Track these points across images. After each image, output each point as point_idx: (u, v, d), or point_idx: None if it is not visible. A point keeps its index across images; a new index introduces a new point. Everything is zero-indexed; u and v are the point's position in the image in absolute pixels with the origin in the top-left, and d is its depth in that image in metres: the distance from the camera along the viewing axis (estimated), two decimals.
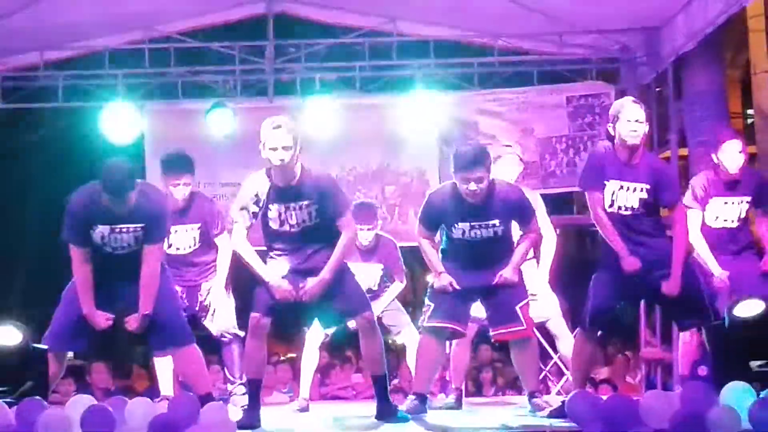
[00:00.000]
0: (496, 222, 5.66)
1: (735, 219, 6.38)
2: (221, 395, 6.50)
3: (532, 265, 6.57)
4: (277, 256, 5.47)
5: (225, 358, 6.70)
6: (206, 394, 5.37)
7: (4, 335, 5.13)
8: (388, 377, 5.70)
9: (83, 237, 5.31)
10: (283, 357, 10.94)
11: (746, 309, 5.19)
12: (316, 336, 6.73)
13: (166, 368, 6.58)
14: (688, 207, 6.13)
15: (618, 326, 6.11)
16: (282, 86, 9.41)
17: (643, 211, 5.54)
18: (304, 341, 6.88)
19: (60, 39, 8.80)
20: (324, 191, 5.38)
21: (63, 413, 4.69)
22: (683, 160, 9.55)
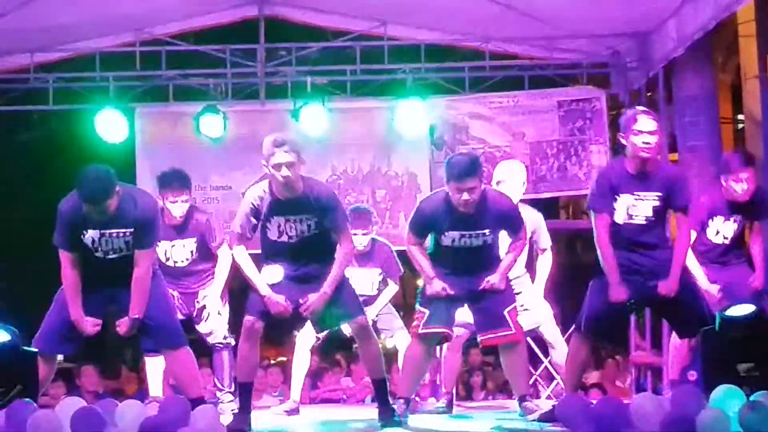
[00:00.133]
0: (486, 231, 5.64)
1: (729, 236, 6.39)
2: (211, 399, 6.49)
3: (527, 280, 6.57)
4: (273, 262, 5.49)
5: (215, 365, 6.73)
6: (198, 398, 5.34)
7: None
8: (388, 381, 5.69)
9: (72, 242, 5.29)
10: (274, 361, 10.94)
11: (737, 312, 5.22)
12: (307, 339, 6.72)
13: (157, 370, 6.58)
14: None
15: (615, 332, 6.07)
16: (273, 89, 9.41)
17: (655, 220, 5.44)
18: (295, 345, 6.88)
19: (50, 41, 8.76)
20: (324, 206, 5.39)
21: (53, 415, 4.68)
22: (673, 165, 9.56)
